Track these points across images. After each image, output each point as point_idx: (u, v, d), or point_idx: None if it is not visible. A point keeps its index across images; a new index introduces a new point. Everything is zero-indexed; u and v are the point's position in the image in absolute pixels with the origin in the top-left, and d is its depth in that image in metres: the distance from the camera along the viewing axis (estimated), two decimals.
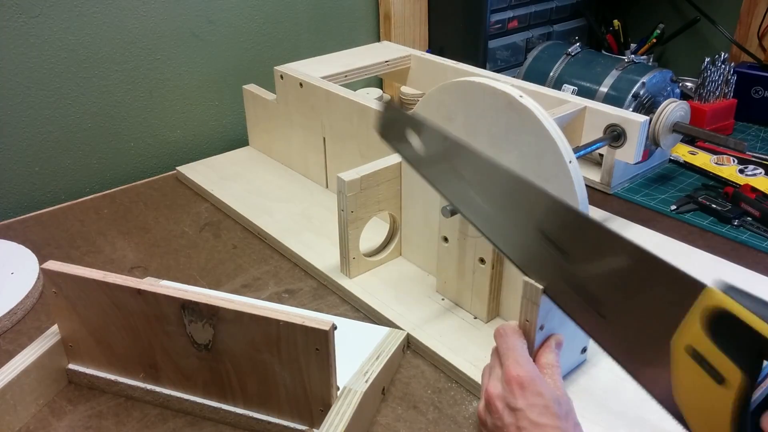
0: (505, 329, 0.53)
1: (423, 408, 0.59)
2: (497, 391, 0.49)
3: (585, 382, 0.60)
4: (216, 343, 0.55)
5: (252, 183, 0.97)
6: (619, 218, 0.87)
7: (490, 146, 0.61)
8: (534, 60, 1.12)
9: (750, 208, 0.87)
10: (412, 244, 0.77)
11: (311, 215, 0.89)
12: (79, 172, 1.02)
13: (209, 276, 0.78)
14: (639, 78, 0.97)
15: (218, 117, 1.15)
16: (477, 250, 0.65)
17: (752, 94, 1.18)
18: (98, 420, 0.58)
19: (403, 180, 0.74)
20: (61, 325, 0.61)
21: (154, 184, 1.01)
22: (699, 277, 0.38)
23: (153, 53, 1.03)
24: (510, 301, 0.66)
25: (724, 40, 1.28)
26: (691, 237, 0.84)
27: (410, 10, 1.27)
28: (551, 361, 0.52)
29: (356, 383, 0.55)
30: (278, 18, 1.15)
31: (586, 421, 0.55)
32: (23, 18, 0.89)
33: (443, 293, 0.72)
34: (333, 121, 0.88)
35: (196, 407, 0.59)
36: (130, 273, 0.79)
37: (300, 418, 0.56)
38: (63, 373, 0.62)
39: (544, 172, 0.57)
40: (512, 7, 1.25)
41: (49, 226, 0.90)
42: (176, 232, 0.88)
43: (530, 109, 0.56)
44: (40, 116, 0.95)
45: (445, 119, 0.65)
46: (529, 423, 0.46)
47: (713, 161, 1.01)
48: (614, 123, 0.80)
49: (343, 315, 0.71)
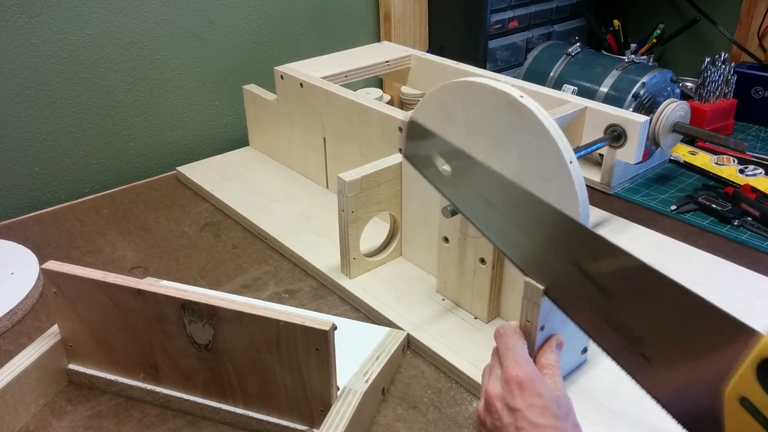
0: (506, 329, 0.53)
1: (423, 408, 0.59)
2: (497, 392, 0.49)
3: (585, 383, 0.60)
4: (216, 343, 0.55)
5: (252, 183, 0.97)
6: (620, 218, 0.87)
7: (491, 146, 0.61)
8: (534, 60, 1.12)
9: (750, 208, 0.87)
10: (412, 244, 0.77)
11: (311, 215, 0.89)
12: (79, 172, 1.02)
13: (209, 276, 0.78)
14: (639, 78, 0.97)
15: (218, 117, 1.15)
16: (477, 251, 0.65)
17: (752, 94, 1.18)
18: (98, 420, 0.58)
19: (404, 180, 0.74)
20: (61, 325, 0.61)
21: (154, 184, 1.01)
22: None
23: (153, 53, 1.03)
24: (510, 301, 0.66)
25: (724, 40, 1.28)
26: (691, 237, 0.84)
27: (410, 10, 1.27)
28: (552, 361, 0.52)
29: (356, 383, 0.55)
30: (278, 18, 1.15)
31: (586, 421, 0.55)
32: (23, 18, 0.89)
33: (444, 293, 0.72)
34: (333, 122, 0.88)
35: (196, 407, 0.59)
36: (130, 273, 0.79)
37: (300, 418, 0.56)
38: (63, 373, 0.62)
39: (545, 172, 0.57)
40: (512, 7, 1.25)
41: (49, 226, 0.90)
42: (176, 232, 0.88)
43: (531, 110, 0.56)
44: (40, 116, 0.95)
45: (445, 119, 0.64)
46: (527, 423, 0.46)
47: (713, 161, 1.01)
48: (615, 123, 0.80)
49: (343, 315, 0.71)
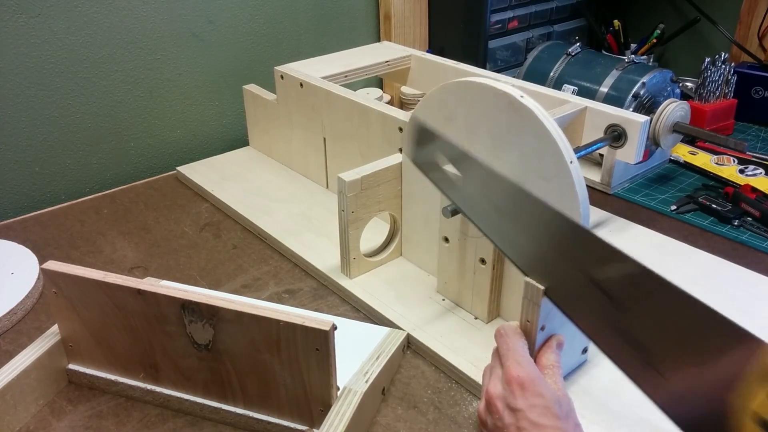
0: (506, 330, 0.53)
1: (423, 408, 0.59)
2: (498, 392, 0.49)
3: (586, 383, 0.60)
4: (216, 344, 0.55)
5: (252, 183, 0.97)
6: (620, 218, 0.87)
7: (491, 146, 0.61)
8: (534, 60, 1.12)
9: (750, 208, 0.87)
10: (412, 244, 0.77)
11: (311, 215, 0.88)
12: (79, 172, 1.02)
13: (209, 276, 0.78)
14: (639, 78, 0.97)
15: (218, 117, 1.15)
16: (478, 251, 0.65)
17: (752, 94, 1.18)
18: (98, 420, 0.58)
19: (404, 180, 0.74)
20: (61, 325, 0.61)
21: (154, 184, 1.01)
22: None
23: (153, 53, 1.03)
24: (511, 301, 0.66)
25: (725, 40, 1.28)
26: (692, 237, 0.84)
27: (410, 10, 1.27)
28: (552, 361, 0.52)
29: (356, 383, 0.55)
30: (278, 18, 1.15)
31: (587, 421, 0.55)
32: (23, 18, 0.89)
33: (444, 294, 0.72)
34: (333, 122, 0.88)
35: (196, 407, 0.59)
36: (130, 273, 0.79)
37: (300, 418, 0.56)
38: (63, 373, 0.62)
39: (545, 172, 0.57)
40: (512, 7, 1.25)
41: (49, 226, 0.90)
42: (176, 232, 0.88)
43: (531, 110, 0.56)
44: (40, 116, 0.95)
45: (446, 119, 0.64)
46: (529, 423, 0.46)
47: (713, 161, 1.01)
48: (615, 123, 0.80)
49: (343, 315, 0.71)
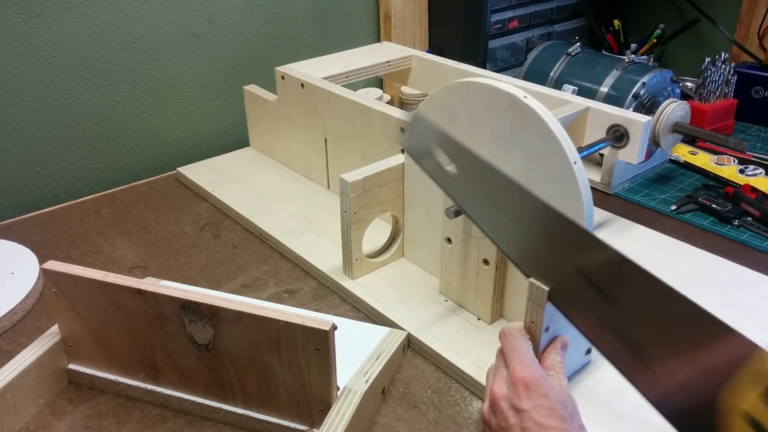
0: (511, 330, 0.53)
1: (423, 408, 0.59)
2: (502, 392, 0.49)
3: (590, 384, 0.60)
4: (216, 343, 0.55)
5: (253, 184, 0.97)
6: (620, 218, 0.87)
7: (494, 147, 0.61)
8: (534, 60, 1.12)
9: (750, 208, 0.87)
10: (414, 245, 0.77)
11: (313, 216, 0.88)
12: (79, 172, 1.02)
13: (209, 276, 0.78)
14: (639, 78, 0.97)
15: (218, 117, 1.15)
16: (480, 251, 0.64)
17: (752, 94, 1.18)
18: (98, 420, 0.58)
19: (406, 181, 0.74)
20: (61, 325, 0.60)
21: (154, 184, 1.01)
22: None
23: (153, 53, 1.03)
24: (514, 302, 0.66)
25: (725, 40, 1.28)
26: (692, 237, 0.83)
27: (410, 10, 1.27)
28: (556, 362, 0.52)
29: (356, 383, 0.55)
30: (279, 18, 1.15)
31: (591, 422, 0.55)
32: (23, 18, 0.89)
33: (446, 294, 0.71)
34: (334, 122, 0.88)
35: (196, 407, 0.58)
36: (130, 273, 0.79)
37: (300, 418, 0.55)
38: (63, 373, 0.62)
39: (549, 173, 0.57)
40: (512, 7, 1.25)
41: (49, 226, 0.90)
42: (176, 232, 0.88)
43: (534, 110, 0.56)
44: (40, 116, 0.95)
45: (448, 120, 0.64)
46: (534, 424, 0.46)
47: (713, 161, 1.01)
48: (617, 123, 0.80)
49: (344, 315, 0.71)
